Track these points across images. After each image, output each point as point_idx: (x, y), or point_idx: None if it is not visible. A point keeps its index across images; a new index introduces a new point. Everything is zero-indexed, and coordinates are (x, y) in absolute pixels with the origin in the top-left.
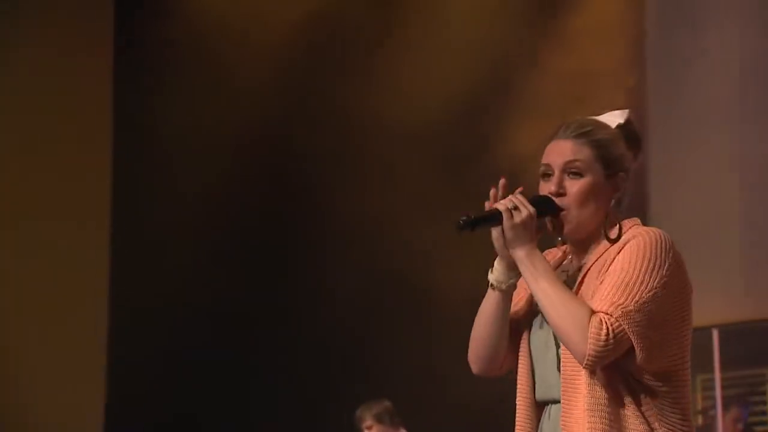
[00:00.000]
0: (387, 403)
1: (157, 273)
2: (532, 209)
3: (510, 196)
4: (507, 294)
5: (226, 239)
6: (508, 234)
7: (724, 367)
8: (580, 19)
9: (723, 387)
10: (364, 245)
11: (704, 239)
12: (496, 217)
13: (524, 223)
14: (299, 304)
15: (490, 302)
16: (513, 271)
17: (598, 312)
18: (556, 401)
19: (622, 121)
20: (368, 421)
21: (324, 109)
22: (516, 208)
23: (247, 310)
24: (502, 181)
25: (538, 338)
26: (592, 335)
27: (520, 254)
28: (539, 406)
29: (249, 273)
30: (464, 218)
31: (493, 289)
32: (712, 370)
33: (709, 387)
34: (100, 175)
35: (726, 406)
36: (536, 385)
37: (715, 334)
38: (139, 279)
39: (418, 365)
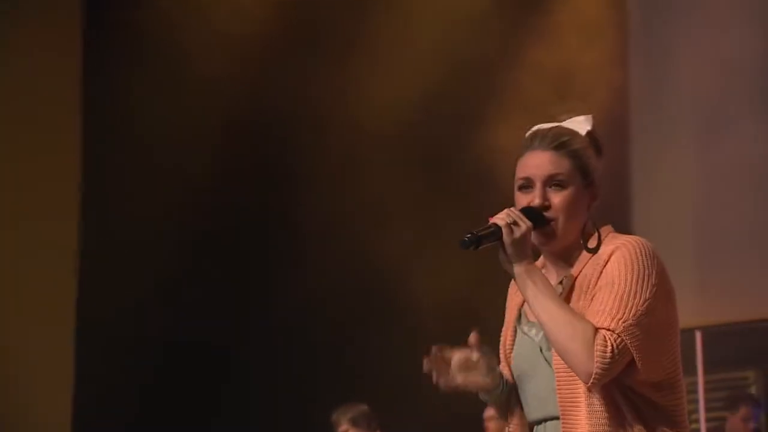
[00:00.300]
0: (363, 407)
1: (128, 271)
2: (529, 223)
3: (507, 211)
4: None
5: (197, 238)
6: (509, 250)
7: (707, 369)
8: (563, 15)
9: (706, 390)
10: (340, 245)
11: (687, 238)
12: (496, 234)
13: (524, 238)
14: (276, 307)
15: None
16: (492, 394)
17: (600, 329)
18: (553, 418)
19: (589, 127)
20: (344, 425)
21: (301, 104)
22: (515, 222)
23: (222, 309)
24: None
25: (524, 357)
26: (597, 353)
27: (518, 270)
28: (528, 425)
29: (224, 272)
30: (468, 236)
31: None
32: (695, 373)
33: (691, 390)
34: (69, 170)
35: (735, 405)
36: (524, 404)
37: (698, 336)
38: (109, 277)
39: (397, 367)
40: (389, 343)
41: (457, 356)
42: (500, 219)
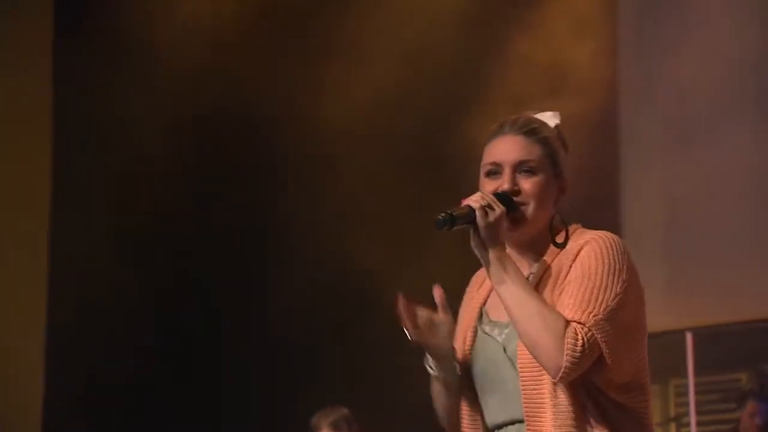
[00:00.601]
0: (344, 411)
1: (98, 272)
2: (503, 208)
3: (480, 193)
4: (448, 380)
5: (177, 239)
6: (483, 233)
7: (698, 371)
8: (553, 9)
9: (697, 393)
10: (326, 245)
11: (678, 237)
12: (470, 216)
13: (498, 222)
14: (256, 308)
15: (436, 387)
16: (443, 363)
17: (571, 322)
18: (516, 421)
19: (558, 121)
20: (324, 430)
21: (283, 103)
22: (489, 206)
23: (200, 311)
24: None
25: (486, 358)
26: (568, 347)
27: (491, 256)
28: (489, 430)
29: (207, 272)
30: (443, 215)
31: (436, 380)
32: (685, 375)
33: (682, 393)
34: (39, 171)
35: (743, 402)
36: (485, 410)
37: (689, 337)
38: (80, 278)
39: (378, 369)
40: (376, 344)
41: (423, 314)
42: (474, 201)
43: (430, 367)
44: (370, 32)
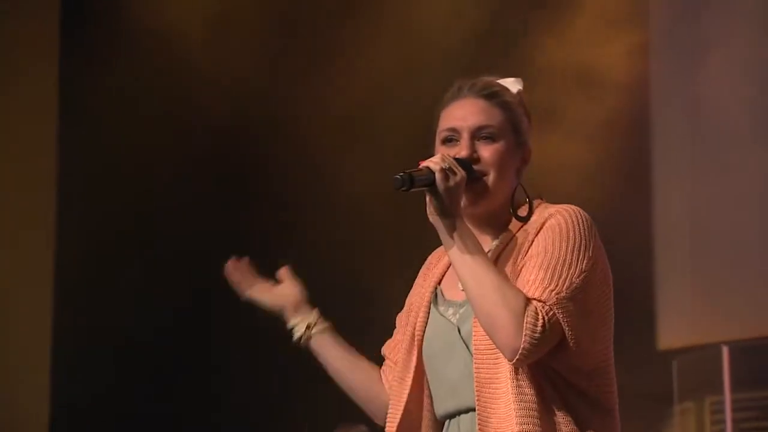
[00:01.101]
0: (363, 428)
1: (103, 272)
2: (464, 173)
3: (441, 155)
4: (327, 334)
5: (171, 237)
6: (444, 196)
7: (735, 388)
8: (579, 11)
9: (734, 410)
10: (320, 246)
11: (711, 245)
12: (429, 178)
13: (458, 187)
14: (256, 308)
15: (323, 357)
16: (300, 313)
17: (531, 300)
18: (469, 410)
19: (521, 87)
20: None
21: (288, 104)
22: (450, 169)
23: (202, 319)
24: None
25: (439, 339)
26: (528, 326)
27: (448, 223)
28: (438, 423)
29: (206, 276)
30: (401, 174)
31: (309, 341)
32: (721, 392)
33: (718, 410)
34: (45, 176)
35: None
36: (435, 398)
37: (725, 351)
38: (87, 287)
39: None
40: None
41: (262, 283)
42: (434, 163)
43: (294, 330)
44: (374, 32)
